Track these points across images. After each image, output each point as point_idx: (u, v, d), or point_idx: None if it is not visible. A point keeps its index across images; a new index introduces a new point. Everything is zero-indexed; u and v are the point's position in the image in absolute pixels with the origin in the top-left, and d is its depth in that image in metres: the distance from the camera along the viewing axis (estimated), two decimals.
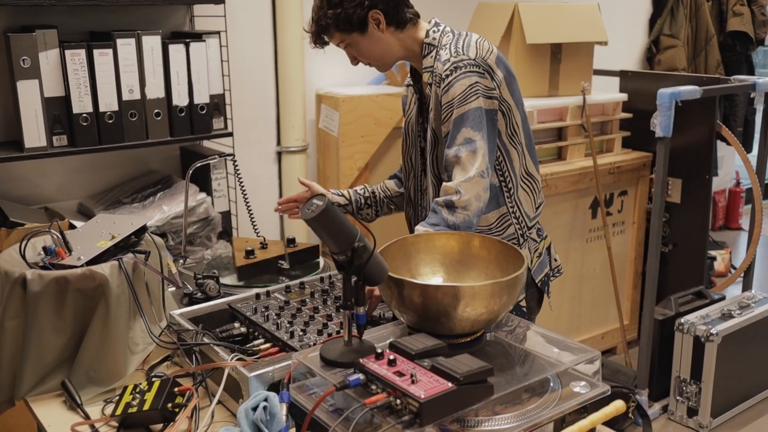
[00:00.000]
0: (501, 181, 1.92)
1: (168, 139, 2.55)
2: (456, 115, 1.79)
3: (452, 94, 1.79)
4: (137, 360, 1.57)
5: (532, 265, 2.01)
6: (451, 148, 1.79)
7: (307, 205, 1.27)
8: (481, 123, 1.79)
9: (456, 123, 1.79)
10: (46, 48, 2.29)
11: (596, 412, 1.30)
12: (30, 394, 1.52)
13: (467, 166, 1.77)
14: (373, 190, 2.16)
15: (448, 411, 1.12)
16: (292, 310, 1.62)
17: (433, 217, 1.77)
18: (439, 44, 1.87)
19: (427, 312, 1.36)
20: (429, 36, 1.88)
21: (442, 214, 1.75)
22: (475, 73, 1.79)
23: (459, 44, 1.83)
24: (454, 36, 1.87)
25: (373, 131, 3.11)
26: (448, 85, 1.80)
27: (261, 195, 3.13)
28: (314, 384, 1.31)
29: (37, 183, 2.62)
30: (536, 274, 2.02)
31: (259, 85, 3.10)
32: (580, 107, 3.28)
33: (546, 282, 2.07)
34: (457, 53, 1.81)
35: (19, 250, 1.57)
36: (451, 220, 1.74)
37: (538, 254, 2.04)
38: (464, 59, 1.80)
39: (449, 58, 1.81)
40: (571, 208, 3.30)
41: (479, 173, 1.77)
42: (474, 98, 1.78)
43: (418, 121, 2.00)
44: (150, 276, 1.62)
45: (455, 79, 1.79)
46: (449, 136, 1.81)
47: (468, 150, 1.78)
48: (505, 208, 1.94)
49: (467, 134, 1.78)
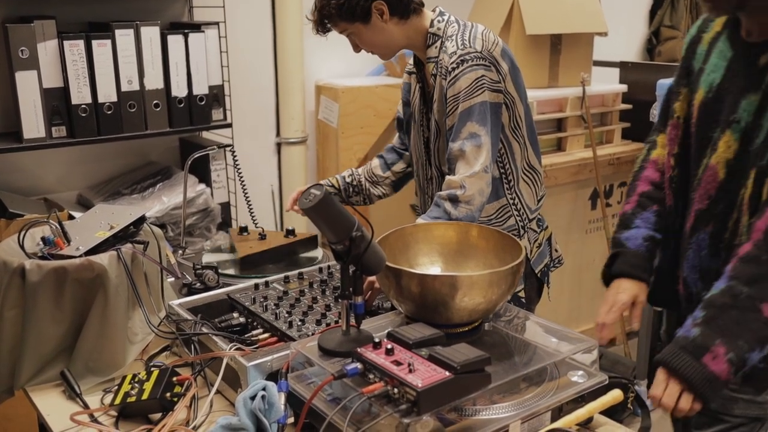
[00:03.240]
0: (501, 173, 1.92)
1: (167, 130, 2.54)
2: (462, 108, 1.78)
3: (458, 88, 1.78)
4: (136, 350, 1.57)
5: (531, 255, 2.01)
6: (455, 142, 1.79)
7: (305, 195, 1.27)
8: (485, 117, 1.79)
9: (461, 117, 1.78)
10: (45, 39, 2.28)
11: (594, 401, 1.31)
12: (29, 384, 1.52)
13: (472, 160, 1.77)
14: (359, 179, 2.16)
15: (445, 400, 1.13)
16: (291, 300, 1.62)
17: (435, 210, 1.77)
18: (444, 35, 1.86)
19: (425, 302, 1.36)
20: (433, 26, 1.87)
21: (445, 207, 1.75)
22: (482, 66, 1.79)
23: (465, 36, 1.82)
24: (460, 27, 1.85)
25: (372, 122, 3.10)
26: (454, 78, 1.79)
27: (260, 186, 3.13)
28: (312, 373, 1.31)
29: (36, 174, 2.62)
30: (536, 264, 2.02)
31: (258, 76, 3.09)
32: (580, 98, 3.27)
33: (546, 272, 2.08)
34: (464, 46, 1.80)
35: (17, 241, 1.57)
36: (454, 214, 1.75)
37: (538, 245, 2.04)
38: (471, 52, 1.79)
39: (456, 51, 1.80)
40: (570, 199, 3.30)
41: (483, 168, 1.77)
42: (480, 92, 1.78)
43: (422, 111, 1.99)
44: (149, 266, 1.62)
45: (461, 73, 1.78)
46: (454, 130, 1.80)
47: (473, 144, 1.77)
48: (505, 199, 1.94)
49: (472, 129, 1.78)
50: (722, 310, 1.32)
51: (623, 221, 1.64)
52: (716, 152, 1.45)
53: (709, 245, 1.48)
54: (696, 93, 1.51)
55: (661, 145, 1.64)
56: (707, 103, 1.48)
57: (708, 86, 1.48)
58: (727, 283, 1.35)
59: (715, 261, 1.47)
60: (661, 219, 1.60)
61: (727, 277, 1.35)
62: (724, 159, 1.44)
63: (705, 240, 1.49)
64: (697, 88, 1.51)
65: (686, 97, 1.56)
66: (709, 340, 1.31)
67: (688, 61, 1.56)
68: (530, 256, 2.01)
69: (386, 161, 2.18)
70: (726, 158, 1.44)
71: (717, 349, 1.30)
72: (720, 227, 1.46)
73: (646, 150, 1.68)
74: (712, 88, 1.47)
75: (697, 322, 1.34)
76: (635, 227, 1.61)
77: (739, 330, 1.30)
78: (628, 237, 1.61)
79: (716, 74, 1.46)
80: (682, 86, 1.57)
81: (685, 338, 1.34)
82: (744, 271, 1.33)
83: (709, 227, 1.48)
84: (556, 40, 3.23)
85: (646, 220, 1.61)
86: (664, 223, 1.60)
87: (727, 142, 1.44)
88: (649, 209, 1.61)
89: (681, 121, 1.56)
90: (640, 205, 1.63)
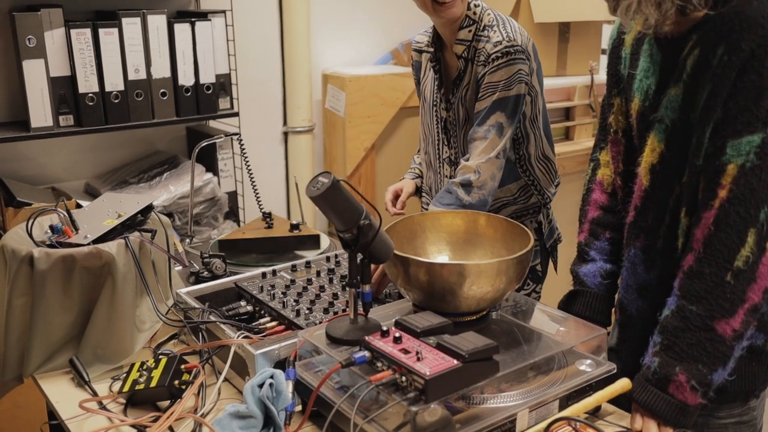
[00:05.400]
0: (516, 158, 1.98)
1: (174, 119, 2.54)
2: (498, 97, 1.83)
3: (499, 77, 1.82)
4: (144, 338, 1.58)
5: (545, 230, 2.11)
6: (481, 126, 1.84)
7: (312, 183, 1.26)
8: (516, 111, 1.85)
9: (494, 105, 1.83)
10: (52, 27, 2.28)
11: (602, 390, 1.31)
12: (38, 372, 1.53)
13: (489, 147, 1.82)
14: None
15: (453, 388, 1.13)
16: (298, 289, 1.62)
17: (446, 197, 1.80)
18: (480, 21, 1.88)
19: (433, 290, 1.36)
20: (470, 8, 1.89)
21: (458, 194, 1.79)
22: (521, 60, 1.83)
23: (507, 28, 1.86)
24: (498, 18, 1.89)
25: (379, 111, 3.09)
26: (496, 66, 1.83)
27: (267, 175, 3.13)
28: (320, 362, 1.31)
29: (44, 163, 2.63)
30: (548, 239, 2.11)
31: (265, 65, 3.08)
32: (588, 87, 3.25)
33: (554, 246, 2.17)
34: (508, 38, 1.83)
35: (26, 229, 1.58)
36: (467, 199, 1.79)
37: (549, 220, 2.13)
38: (516, 45, 1.83)
39: (501, 41, 1.83)
40: (578, 188, 3.26)
41: (497, 154, 1.82)
42: (516, 85, 1.83)
43: (439, 91, 2.01)
44: (156, 255, 1.62)
45: (505, 64, 1.82)
46: (483, 114, 1.84)
47: (496, 133, 1.83)
48: (524, 180, 2.01)
49: (501, 119, 1.83)
50: (676, 335, 1.27)
51: (579, 253, 1.58)
52: (642, 158, 1.37)
53: (644, 260, 1.41)
54: (631, 102, 1.41)
55: (604, 163, 1.55)
56: (644, 113, 1.38)
57: (643, 94, 1.37)
58: (677, 303, 1.28)
59: (652, 274, 1.41)
60: (615, 245, 1.53)
61: (676, 295, 1.29)
62: (648, 164, 1.36)
63: (638, 255, 1.42)
64: (631, 96, 1.40)
65: (620, 108, 1.46)
66: (670, 369, 1.26)
67: (614, 67, 1.47)
68: (544, 231, 2.10)
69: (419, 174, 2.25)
70: (650, 163, 1.36)
71: (678, 378, 1.25)
72: (651, 239, 1.39)
73: (591, 170, 1.60)
74: (648, 96, 1.36)
75: (656, 350, 1.29)
76: (591, 260, 1.55)
77: (697, 353, 1.25)
78: (586, 273, 1.55)
79: (650, 80, 1.36)
80: (614, 96, 1.48)
81: (648, 369, 1.30)
82: (690, 288, 1.27)
83: (639, 241, 1.41)
84: (565, 29, 3.21)
85: (600, 250, 1.54)
86: (619, 248, 1.52)
87: (652, 144, 1.35)
88: (601, 237, 1.55)
89: (620, 136, 1.48)
90: (592, 234, 1.56)
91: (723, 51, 1.22)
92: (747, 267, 1.23)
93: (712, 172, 1.26)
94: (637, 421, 1.30)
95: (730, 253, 1.24)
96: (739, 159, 1.23)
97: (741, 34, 1.20)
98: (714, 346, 1.25)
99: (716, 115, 1.24)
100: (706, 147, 1.27)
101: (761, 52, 1.19)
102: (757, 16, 1.20)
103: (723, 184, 1.24)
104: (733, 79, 1.22)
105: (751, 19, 1.20)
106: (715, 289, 1.24)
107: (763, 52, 1.19)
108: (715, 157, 1.25)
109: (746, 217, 1.23)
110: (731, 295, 1.24)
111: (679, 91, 1.30)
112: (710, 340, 1.25)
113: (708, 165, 1.27)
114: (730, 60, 1.21)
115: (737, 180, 1.23)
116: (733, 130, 1.23)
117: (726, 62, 1.22)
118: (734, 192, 1.23)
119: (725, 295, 1.24)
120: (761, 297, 1.25)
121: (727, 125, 1.23)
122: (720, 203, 1.25)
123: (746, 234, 1.23)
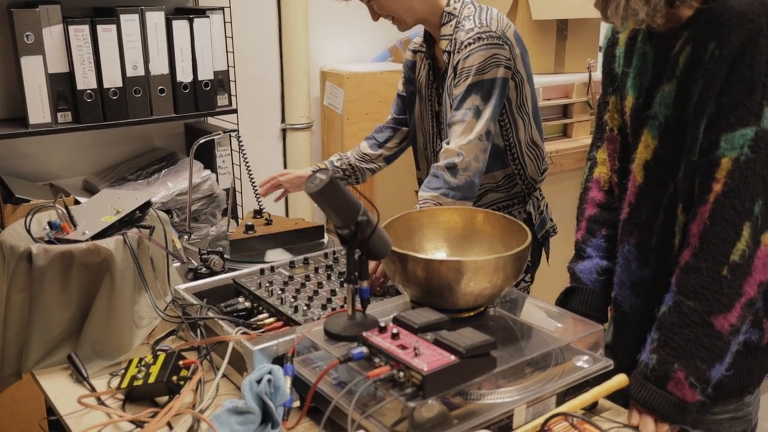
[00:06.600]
0: (506, 145, 2.00)
1: (172, 115, 2.54)
2: (472, 81, 1.84)
3: (471, 62, 1.85)
4: (142, 334, 1.58)
5: (535, 221, 2.11)
6: (458, 110, 1.85)
7: (311, 180, 1.27)
8: (492, 93, 1.85)
9: (469, 88, 1.85)
10: (50, 24, 2.28)
11: (598, 386, 1.31)
12: (36, 367, 1.53)
13: (468, 130, 1.83)
14: (348, 161, 2.23)
15: (450, 384, 1.13)
16: (296, 285, 1.62)
17: (434, 181, 1.81)
18: (459, 14, 1.92)
19: (431, 286, 1.36)
20: (450, 5, 1.94)
21: (445, 177, 1.81)
22: (496, 46, 1.85)
23: (482, 16, 1.89)
24: (476, 9, 1.92)
25: (377, 108, 3.09)
26: (468, 52, 1.85)
27: (265, 172, 3.11)
28: (318, 357, 1.31)
29: (42, 159, 2.63)
30: (539, 230, 2.12)
31: (263, 62, 3.08)
32: (586, 84, 3.25)
33: (546, 238, 2.17)
34: (480, 24, 1.87)
35: (24, 225, 1.58)
36: (454, 182, 1.80)
37: (540, 211, 2.13)
38: (487, 31, 1.85)
39: (473, 28, 1.86)
40: (576, 185, 3.26)
41: (478, 136, 1.83)
42: (491, 69, 1.85)
43: (432, 86, 2.05)
44: (155, 251, 1.62)
45: (476, 49, 1.84)
46: (459, 98, 1.86)
47: (473, 116, 1.84)
48: (511, 169, 2.03)
49: (476, 101, 1.84)
50: (674, 331, 1.27)
51: (576, 250, 1.59)
52: (636, 155, 1.38)
53: (638, 257, 1.41)
54: (625, 100, 1.41)
55: (601, 161, 1.56)
56: (638, 110, 1.38)
57: (637, 92, 1.38)
58: (674, 299, 1.28)
59: (646, 271, 1.41)
60: (612, 242, 1.53)
61: (673, 291, 1.29)
62: (642, 161, 1.36)
63: (632, 252, 1.42)
64: (625, 94, 1.41)
65: (615, 106, 1.47)
66: (668, 366, 1.26)
67: (608, 65, 1.48)
68: (534, 222, 2.11)
69: (377, 140, 2.25)
70: (644, 159, 1.36)
71: (677, 375, 1.25)
72: (645, 236, 1.39)
73: (588, 168, 1.60)
74: (642, 93, 1.37)
75: (654, 347, 1.29)
76: (588, 257, 1.55)
77: (695, 349, 1.25)
78: (582, 270, 1.55)
79: (644, 78, 1.37)
80: (609, 94, 1.49)
81: (645, 366, 1.30)
82: (687, 283, 1.27)
83: (633, 238, 1.41)
84: (563, 26, 3.21)
85: (596, 247, 1.55)
86: (615, 245, 1.51)
87: (645, 141, 1.36)
88: (598, 235, 1.55)
89: (616, 134, 1.48)
90: (588, 231, 1.56)
91: (714, 46, 1.23)
92: (743, 261, 1.23)
93: (706, 167, 1.27)
94: (635, 417, 1.30)
95: (726, 247, 1.24)
96: (733, 152, 1.23)
97: (731, 29, 1.21)
98: (712, 341, 1.25)
99: (709, 110, 1.25)
100: (700, 142, 1.27)
101: (752, 46, 1.20)
102: (747, 11, 1.21)
103: (717, 178, 1.25)
104: (725, 73, 1.23)
105: (741, 13, 1.21)
106: (712, 284, 1.25)
107: (754, 45, 1.20)
108: (709, 151, 1.26)
109: (741, 210, 1.23)
110: (728, 289, 1.24)
111: (672, 88, 1.30)
112: (708, 336, 1.25)
113: (702, 159, 1.27)
114: (721, 54, 1.22)
115: (732, 173, 1.23)
116: (726, 124, 1.23)
117: (717, 57, 1.23)
118: (729, 185, 1.24)
119: (722, 290, 1.24)
120: (756, 291, 1.25)
121: (721, 119, 1.24)
122: (715, 197, 1.25)
123: (741, 227, 1.23)
